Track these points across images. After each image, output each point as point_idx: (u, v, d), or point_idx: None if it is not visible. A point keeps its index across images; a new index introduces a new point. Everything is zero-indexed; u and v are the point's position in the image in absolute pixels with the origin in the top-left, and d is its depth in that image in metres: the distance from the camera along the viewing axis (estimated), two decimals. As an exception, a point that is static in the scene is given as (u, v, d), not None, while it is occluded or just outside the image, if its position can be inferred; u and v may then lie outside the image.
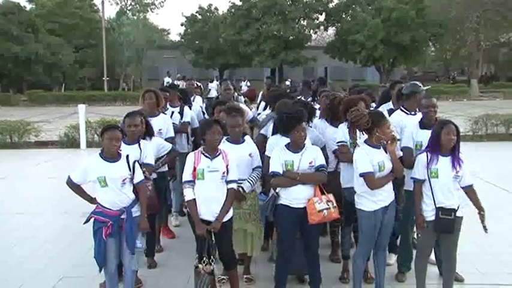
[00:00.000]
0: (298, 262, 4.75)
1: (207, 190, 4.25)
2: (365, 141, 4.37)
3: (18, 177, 10.34)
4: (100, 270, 4.28)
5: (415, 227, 5.08)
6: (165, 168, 5.70)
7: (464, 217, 4.34)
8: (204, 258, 4.26)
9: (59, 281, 5.11)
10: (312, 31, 38.39)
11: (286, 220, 4.36)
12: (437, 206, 4.21)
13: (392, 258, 5.37)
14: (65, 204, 7.83)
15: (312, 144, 4.68)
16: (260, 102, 9.27)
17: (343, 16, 36.82)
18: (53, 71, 34.85)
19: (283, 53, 34.80)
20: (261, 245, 5.18)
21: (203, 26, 38.38)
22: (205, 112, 7.67)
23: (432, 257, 4.98)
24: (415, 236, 5.39)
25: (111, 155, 4.21)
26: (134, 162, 4.31)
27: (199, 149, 4.44)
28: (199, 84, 10.30)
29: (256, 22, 35.51)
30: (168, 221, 6.67)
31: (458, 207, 4.26)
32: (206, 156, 4.29)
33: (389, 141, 4.26)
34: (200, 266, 4.31)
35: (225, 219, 4.32)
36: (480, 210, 4.30)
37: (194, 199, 4.26)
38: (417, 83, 5.33)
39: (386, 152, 4.30)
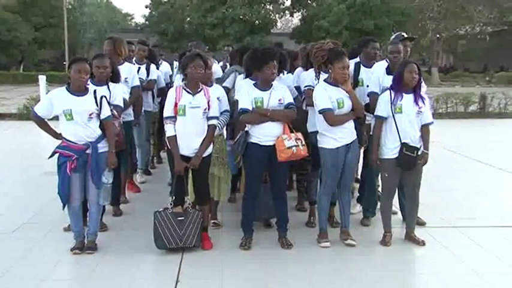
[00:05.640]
0: (264, 207, 4.77)
1: (188, 126, 4.23)
2: (324, 80, 4.44)
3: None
4: (63, 207, 4.18)
5: (379, 179, 5.20)
6: (131, 117, 5.62)
7: (429, 175, 4.44)
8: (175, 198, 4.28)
9: (20, 227, 4.96)
10: (277, 16, 38.39)
11: (255, 158, 4.35)
12: (402, 141, 4.31)
13: (356, 208, 5.47)
14: (26, 162, 7.75)
15: None
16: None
17: (309, 2, 36.95)
18: (10, 49, 33.50)
19: (248, 37, 34.61)
20: (229, 190, 5.18)
21: (168, 8, 37.75)
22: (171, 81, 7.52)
23: (396, 209, 5.14)
24: (380, 189, 5.49)
25: (77, 88, 4.10)
26: (102, 97, 4.20)
27: (181, 83, 4.41)
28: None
29: (222, 5, 35.13)
30: (134, 178, 6.59)
31: (421, 147, 4.38)
32: (188, 92, 4.26)
33: (341, 82, 4.32)
34: (171, 206, 4.30)
35: (204, 155, 4.33)
36: (426, 149, 4.44)
37: (175, 135, 4.24)
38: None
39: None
